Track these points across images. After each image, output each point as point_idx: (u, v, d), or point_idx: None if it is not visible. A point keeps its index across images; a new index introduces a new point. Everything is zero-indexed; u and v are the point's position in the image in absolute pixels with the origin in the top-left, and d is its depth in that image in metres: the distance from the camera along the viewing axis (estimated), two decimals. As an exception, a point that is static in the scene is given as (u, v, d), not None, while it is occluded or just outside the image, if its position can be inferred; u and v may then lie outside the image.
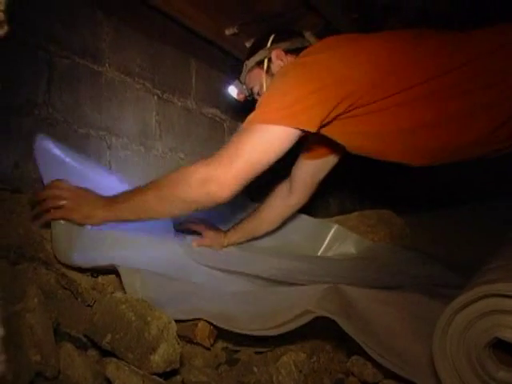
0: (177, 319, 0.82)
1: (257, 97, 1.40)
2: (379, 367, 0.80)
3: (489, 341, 0.62)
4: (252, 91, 1.40)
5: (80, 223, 1.05)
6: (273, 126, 1.05)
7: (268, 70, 1.33)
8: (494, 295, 0.62)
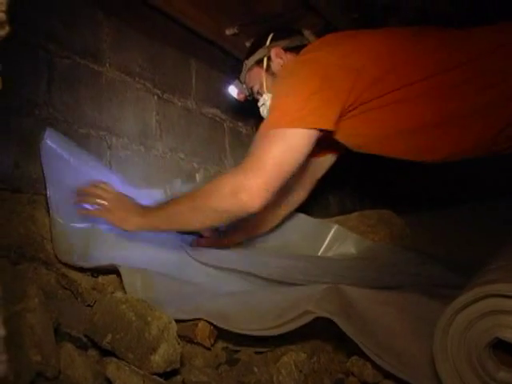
0: (177, 319, 0.82)
1: (257, 96, 1.40)
2: (379, 367, 0.80)
3: (489, 341, 0.62)
4: (252, 90, 1.40)
5: (114, 226, 1.08)
6: (290, 130, 1.04)
7: (268, 69, 1.34)
8: (495, 295, 0.62)
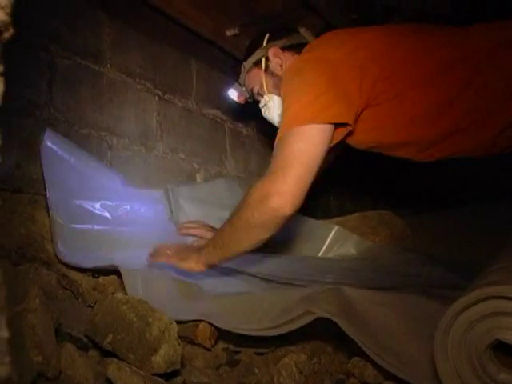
0: (177, 320, 0.82)
1: (258, 97, 1.40)
2: (380, 368, 0.80)
3: (490, 343, 0.62)
4: (252, 92, 1.40)
5: (179, 267, 1.12)
6: (307, 126, 1.02)
7: (267, 69, 1.34)
8: (496, 297, 0.62)
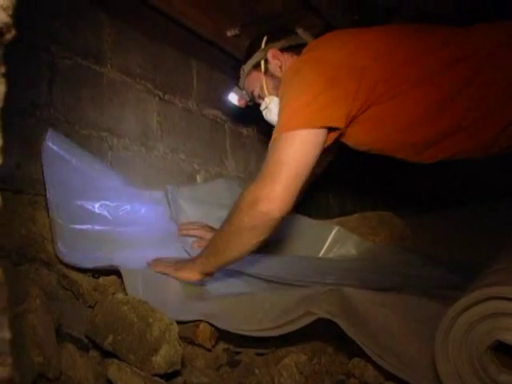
0: (178, 320, 0.82)
1: (258, 100, 1.39)
2: (380, 369, 0.80)
3: (490, 343, 0.62)
4: (253, 95, 1.40)
5: (176, 277, 1.10)
6: (301, 131, 1.03)
7: (266, 71, 1.33)
8: (496, 298, 0.62)
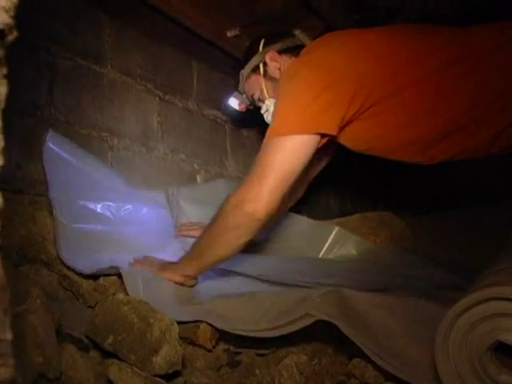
0: (178, 321, 0.82)
1: (259, 103, 1.38)
2: (380, 369, 0.80)
3: (491, 344, 0.62)
4: (253, 98, 1.40)
5: (158, 274, 1.10)
6: (293, 136, 1.04)
7: (265, 74, 1.33)
8: (496, 298, 0.62)
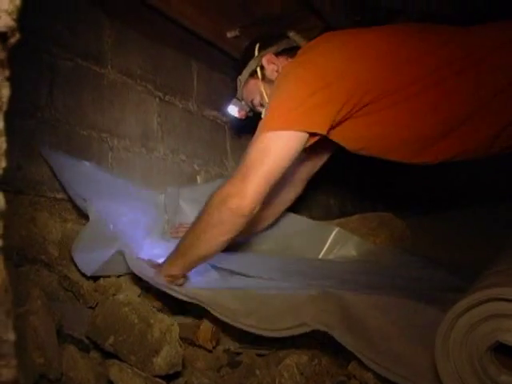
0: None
1: (259, 108, 1.38)
2: (381, 370, 0.80)
3: (491, 344, 0.63)
4: (253, 103, 1.39)
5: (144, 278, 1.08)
6: (282, 132, 1.04)
7: (263, 77, 1.32)
8: (496, 299, 0.62)
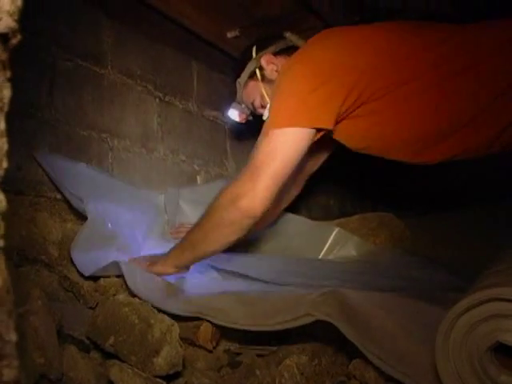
0: (175, 314, 0.83)
1: (260, 110, 1.38)
2: (381, 370, 0.80)
3: (491, 345, 0.63)
4: (254, 106, 1.39)
5: (148, 271, 1.09)
6: (288, 129, 1.03)
7: (263, 78, 1.32)
8: (496, 299, 0.62)
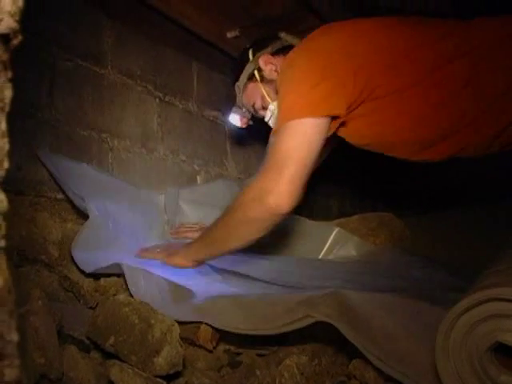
0: (176, 320, 0.82)
1: (261, 112, 1.37)
2: (381, 370, 0.80)
3: (490, 345, 0.63)
4: (254, 108, 1.38)
5: (165, 262, 1.12)
6: (304, 120, 1.01)
7: (262, 79, 1.32)
8: (496, 299, 0.62)
